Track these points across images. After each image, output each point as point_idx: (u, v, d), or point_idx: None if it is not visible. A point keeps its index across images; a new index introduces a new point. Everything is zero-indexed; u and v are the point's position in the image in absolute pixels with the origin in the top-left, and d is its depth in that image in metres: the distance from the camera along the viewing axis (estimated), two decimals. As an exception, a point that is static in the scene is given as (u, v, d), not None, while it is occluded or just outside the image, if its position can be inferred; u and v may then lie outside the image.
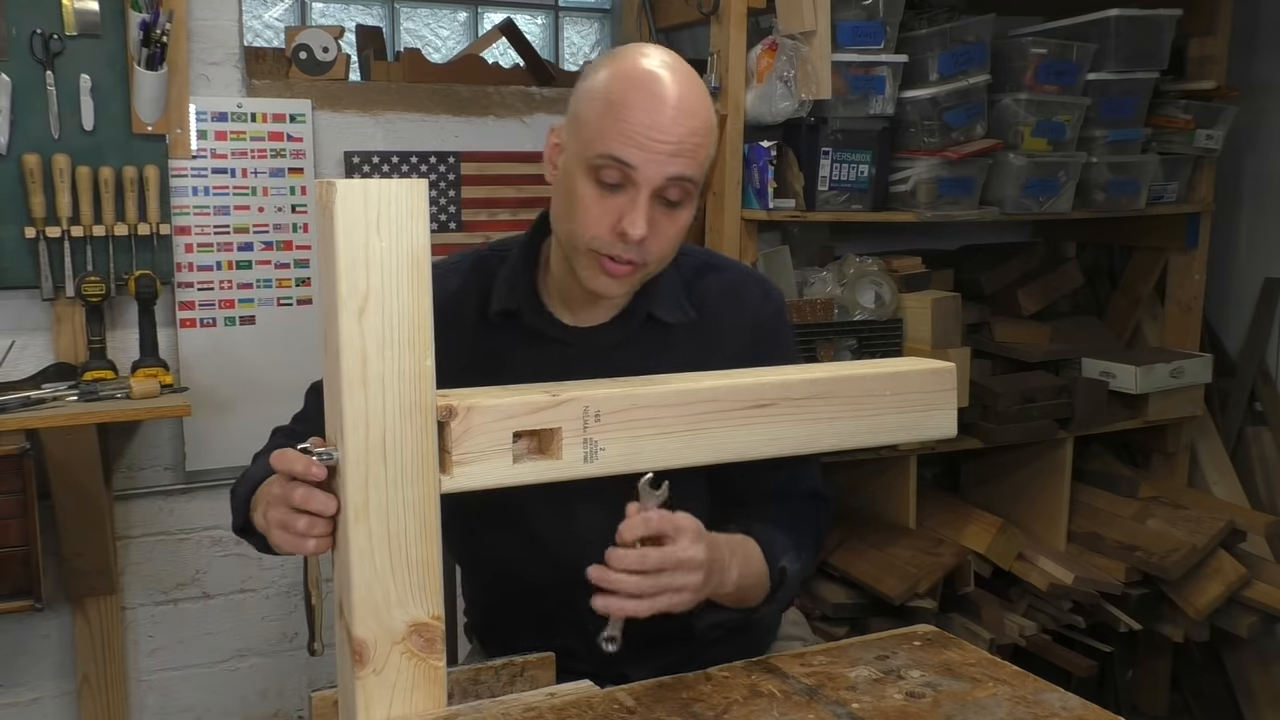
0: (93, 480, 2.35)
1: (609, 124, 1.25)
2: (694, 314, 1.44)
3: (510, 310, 1.41)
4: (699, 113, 1.28)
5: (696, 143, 1.28)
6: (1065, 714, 1.12)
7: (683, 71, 1.29)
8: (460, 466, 1.09)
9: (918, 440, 1.40)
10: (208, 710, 2.75)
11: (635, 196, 1.26)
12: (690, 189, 1.30)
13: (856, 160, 2.57)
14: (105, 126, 2.40)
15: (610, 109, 1.26)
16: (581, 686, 1.20)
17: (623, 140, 1.25)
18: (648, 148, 1.24)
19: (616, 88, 1.27)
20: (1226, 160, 3.21)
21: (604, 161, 1.26)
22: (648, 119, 1.25)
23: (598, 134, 1.26)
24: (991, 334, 3.03)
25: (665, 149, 1.25)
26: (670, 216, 1.30)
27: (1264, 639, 3.02)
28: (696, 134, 1.27)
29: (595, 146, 1.26)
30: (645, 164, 1.25)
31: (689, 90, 1.28)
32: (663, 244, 1.31)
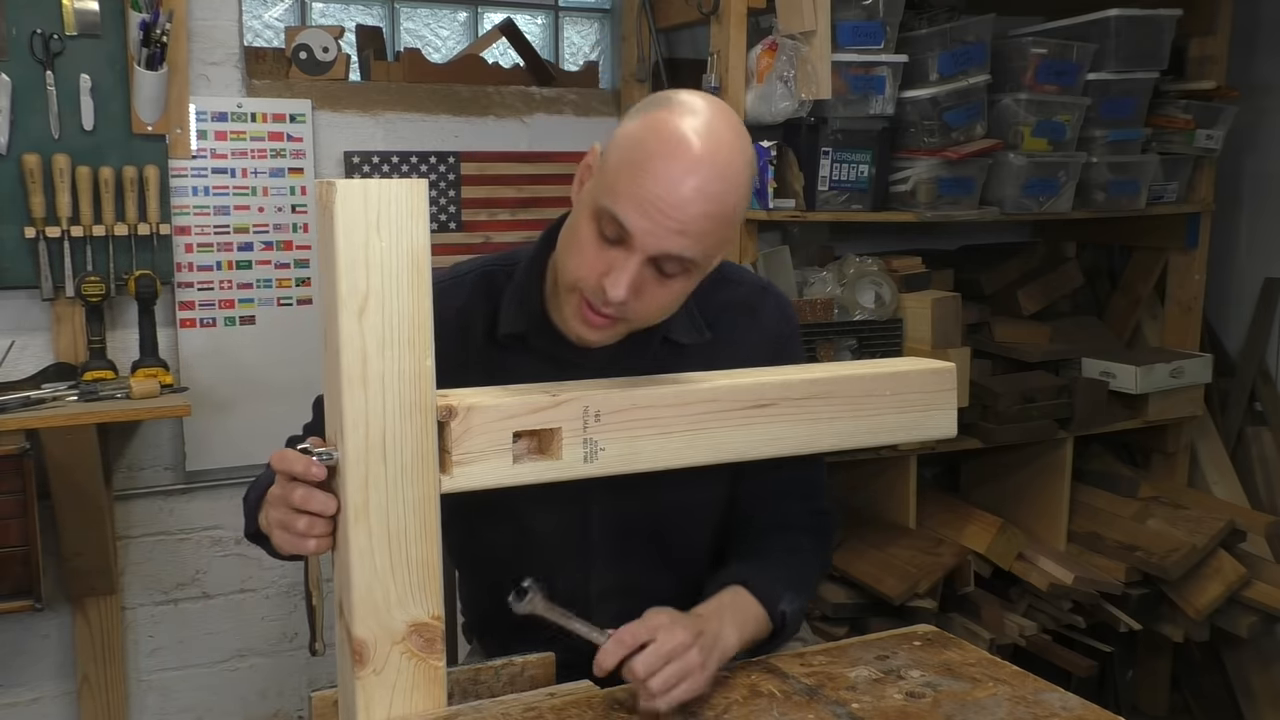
0: (93, 480, 2.35)
1: (624, 181, 1.19)
2: (709, 334, 1.40)
3: (516, 334, 1.37)
4: (720, 198, 1.19)
5: (706, 228, 1.19)
6: (1065, 714, 1.12)
7: (724, 143, 1.20)
8: (460, 466, 1.09)
9: (918, 440, 1.40)
10: (208, 710, 2.75)
11: (627, 258, 1.20)
12: (689, 268, 1.23)
13: (856, 160, 2.57)
14: (105, 126, 2.40)
15: (631, 165, 1.19)
16: (581, 686, 1.20)
17: (630, 203, 1.18)
18: (652, 218, 1.17)
19: (645, 145, 1.19)
20: (1226, 160, 3.21)
21: (608, 215, 1.20)
22: (661, 190, 1.17)
23: (611, 185, 1.20)
24: (991, 334, 3.03)
25: (670, 225, 1.18)
26: (663, 285, 1.24)
27: (1264, 639, 3.02)
28: (709, 219, 1.19)
29: (605, 197, 1.20)
30: (644, 234, 1.18)
31: (717, 170, 1.19)
32: (648, 308, 1.25)
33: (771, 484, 1.44)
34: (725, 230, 1.23)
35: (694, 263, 1.23)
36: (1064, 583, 2.75)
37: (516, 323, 1.37)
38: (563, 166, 2.88)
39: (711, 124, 1.20)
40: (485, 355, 1.38)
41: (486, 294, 1.41)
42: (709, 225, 1.20)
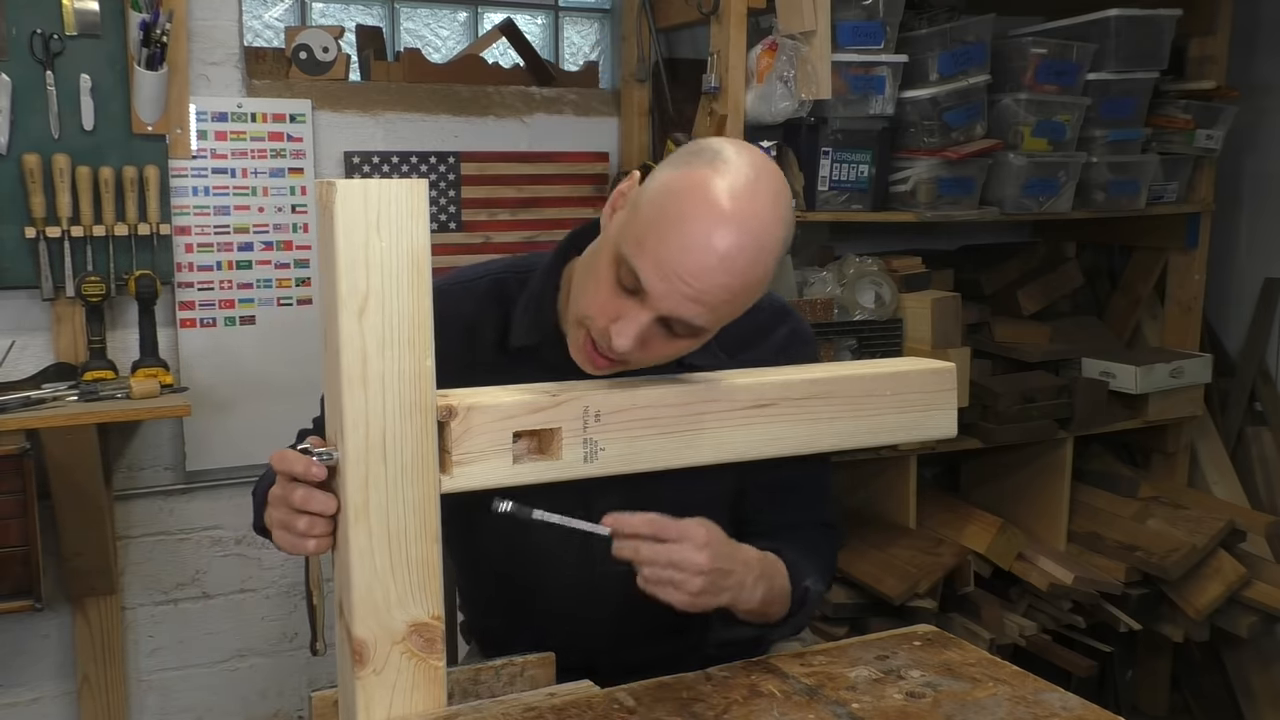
0: (93, 480, 2.35)
1: (650, 236, 1.14)
2: (724, 357, 1.37)
3: (529, 346, 1.35)
4: (744, 273, 1.14)
5: (723, 300, 1.15)
6: (1065, 714, 1.12)
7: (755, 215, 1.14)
8: (460, 466, 1.09)
9: (918, 440, 1.40)
10: (208, 710, 2.75)
11: (638, 311, 1.17)
12: (699, 332, 1.20)
13: (856, 160, 2.57)
14: (105, 126, 2.40)
15: (660, 221, 1.14)
16: (581, 686, 1.21)
17: (650, 262, 1.14)
18: (670, 283, 1.13)
19: (678, 203, 1.14)
20: (1226, 160, 3.21)
21: (627, 265, 1.16)
22: (683, 257, 1.12)
23: (637, 236, 1.15)
24: (991, 334, 3.03)
25: (686, 293, 1.14)
26: (669, 342, 1.21)
27: (1264, 639, 3.02)
28: (728, 293, 1.15)
29: (628, 246, 1.16)
30: (659, 295, 1.14)
31: (746, 244, 1.13)
32: (649, 357, 1.22)
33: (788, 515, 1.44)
34: (744, 301, 1.19)
35: (705, 330, 1.20)
36: (1064, 583, 2.76)
37: (530, 335, 1.34)
38: (563, 166, 2.88)
39: (751, 191, 1.15)
40: (494, 365, 1.34)
41: (498, 302, 1.38)
42: (726, 297, 1.16)
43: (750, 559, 1.26)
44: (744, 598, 1.25)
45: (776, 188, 1.18)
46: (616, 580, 1.40)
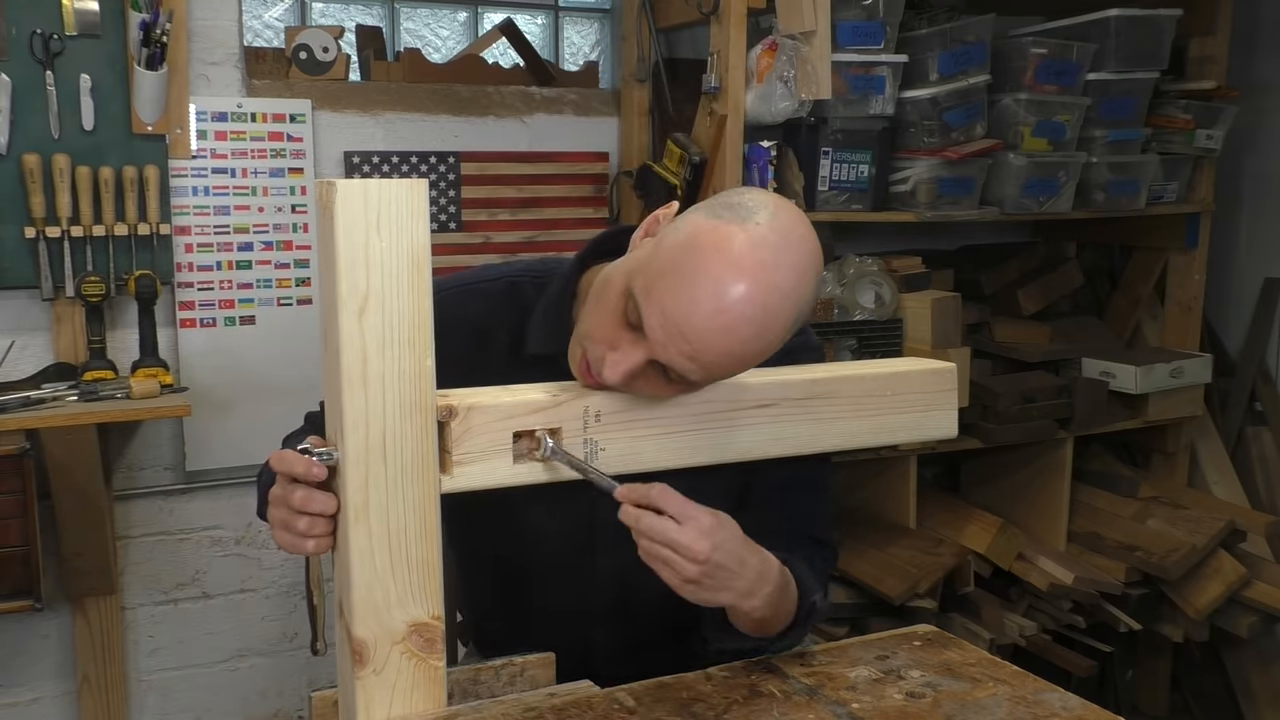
0: (93, 480, 2.35)
1: (661, 283, 1.10)
2: None
3: (545, 355, 1.31)
4: (748, 343, 1.10)
5: (720, 364, 1.12)
6: (1065, 714, 1.12)
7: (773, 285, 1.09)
8: (460, 466, 1.09)
9: (918, 440, 1.40)
10: (208, 710, 2.75)
11: (634, 348, 1.13)
12: (693, 386, 1.18)
13: (856, 160, 2.57)
14: (105, 126, 2.40)
15: (673, 271, 1.09)
16: (581, 686, 1.20)
17: (656, 309, 1.10)
18: (670, 335, 1.10)
19: (697, 254, 1.09)
20: (1226, 160, 3.21)
21: (634, 303, 1.13)
22: (688, 315, 1.08)
23: (649, 280, 1.11)
24: (991, 334, 3.03)
25: (684, 350, 1.10)
26: (663, 384, 1.17)
27: (1264, 639, 3.02)
28: (728, 359, 1.12)
29: (639, 287, 1.12)
30: (657, 344, 1.11)
31: (758, 316, 1.09)
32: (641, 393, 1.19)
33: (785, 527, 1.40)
34: (744, 367, 1.17)
35: (696, 384, 1.18)
36: (1064, 583, 2.76)
37: (548, 343, 1.31)
38: (563, 166, 2.88)
39: (775, 261, 1.09)
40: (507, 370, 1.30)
41: (513, 306, 1.36)
42: (725, 363, 1.13)
43: (766, 569, 1.19)
44: (747, 605, 1.18)
45: (804, 258, 1.12)
46: (614, 575, 1.41)
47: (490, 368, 1.29)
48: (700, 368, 1.12)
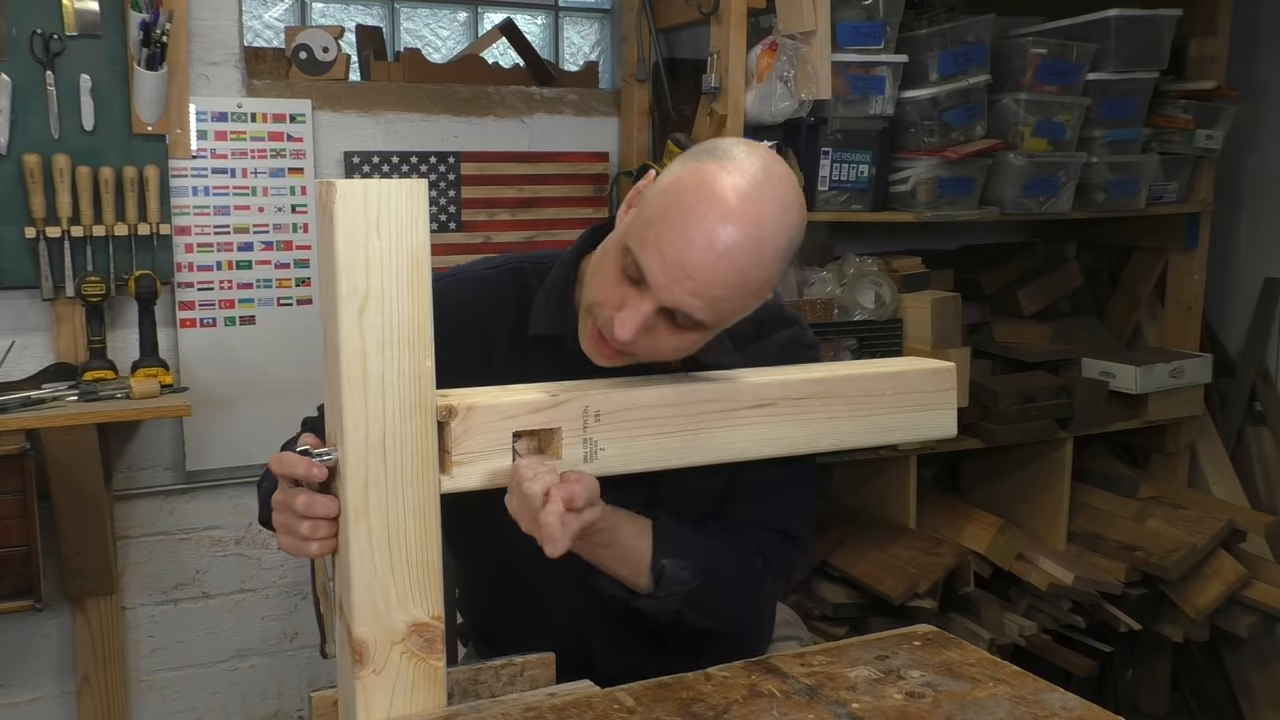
0: (93, 480, 2.35)
1: (652, 231, 1.16)
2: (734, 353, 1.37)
3: (549, 336, 1.35)
4: (745, 270, 1.16)
5: (723, 296, 1.16)
6: (1065, 714, 1.12)
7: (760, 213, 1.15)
8: (460, 466, 1.09)
9: (918, 440, 1.40)
10: (208, 710, 2.75)
11: (641, 301, 1.18)
12: (702, 327, 1.21)
13: (856, 160, 2.57)
14: (105, 126, 2.40)
15: (664, 214, 1.16)
16: (581, 686, 1.20)
17: (653, 253, 1.16)
18: (671, 274, 1.15)
19: (683, 197, 1.16)
20: (1226, 160, 3.21)
21: (632, 256, 1.18)
22: (685, 250, 1.14)
23: (640, 231, 1.18)
24: (991, 334, 3.03)
25: (687, 286, 1.15)
26: (674, 332, 1.21)
27: (1264, 639, 3.02)
28: (728, 289, 1.16)
29: (634, 239, 1.18)
30: (661, 286, 1.16)
31: (750, 241, 1.14)
32: (655, 349, 1.23)
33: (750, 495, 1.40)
34: (746, 299, 1.20)
35: (705, 324, 1.20)
36: (1064, 583, 2.76)
37: (552, 325, 1.35)
38: (563, 166, 2.88)
39: (758, 192, 1.15)
40: (510, 353, 1.36)
41: (516, 290, 1.39)
42: (727, 294, 1.16)
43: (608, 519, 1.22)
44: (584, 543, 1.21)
45: (786, 192, 1.18)
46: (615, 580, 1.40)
47: (496, 351, 1.34)
48: (706, 304, 1.16)
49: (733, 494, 1.41)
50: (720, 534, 1.40)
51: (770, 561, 1.41)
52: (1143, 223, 3.13)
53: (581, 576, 1.37)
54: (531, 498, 1.08)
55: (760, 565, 1.40)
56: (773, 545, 1.41)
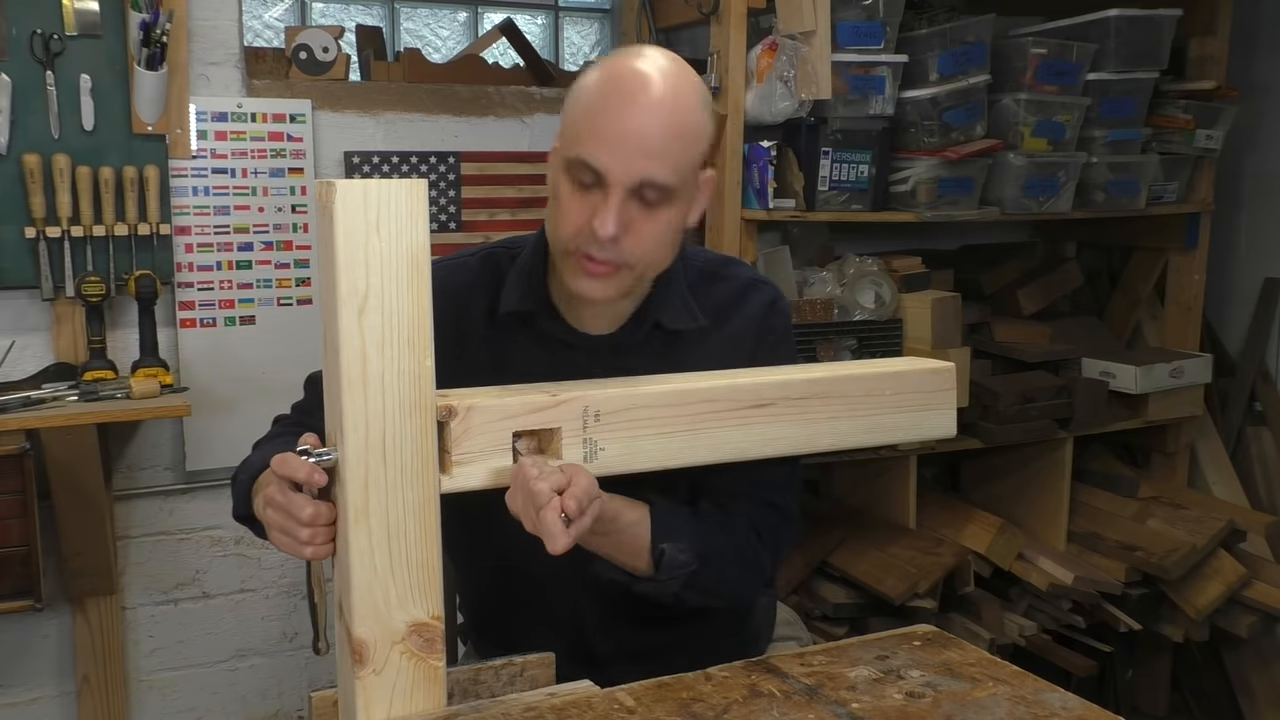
0: (93, 480, 2.35)
1: (584, 125, 1.25)
2: (704, 320, 1.41)
3: (520, 312, 1.40)
4: (679, 114, 1.25)
5: (672, 148, 1.25)
6: (1065, 714, 1.12)
7: (672, 72, 1.26)
8: (460, 466, 1.09)
9: (917, 440, 1.40)
10: (208, 710, 2.75)
11: (608, 196, 1.24)
12: (669, 194, 1.27)
13: (856, 160, 2.57)
14: (105, 126, 2.40)
15: (588, 110, 1.26)
16: (581, 686, 1.20)
17: (594, 142, 1.24)
18: (616, 149, 1.23)
19: (600, 88, 1.27)
20: (1226, 160, 3.21)
21: (578, 163, 1.25)
22: (619, 121, 1.23)
23: (575, 135, 1.26)
24: (991, 334, 3.03)
25: (636, 151, 1.23)
26: (649, 216, 1.27)
27: (1264, 639, 3.02)
28: (673, 139, 1.24)
29: (572, 148, 1.26)
30: (613, 166, 1.23)
31: (671, 91, 1.25)
32: (641, 245, 1.28)
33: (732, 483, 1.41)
34: (693, 149, 1.28)
35: (672, 188, 1.27)
36: (1064, 583, 2.75)
37: (523, 301, 1.40)
38: (563, 166, 2.87)
39: (656, 58, 1.28)
40: (485, 334, 1.41)
41: (491, 274, 1.44)
42: (675, 145, 1.25)
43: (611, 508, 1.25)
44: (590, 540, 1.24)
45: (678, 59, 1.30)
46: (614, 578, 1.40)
47: (470, 335, 1.40)
48: (659, 161, 1.24)
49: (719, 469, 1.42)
50: (714, 513, 1.41)
51: (764, 538, 1.43)
52: (1143, 223, 3.13)
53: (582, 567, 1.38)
54: (536, 495, 1.09)
55: (755, 541, 1.42)
56: (765, 520, 1.43)
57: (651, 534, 1.32)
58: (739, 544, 1.40)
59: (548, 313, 1.40)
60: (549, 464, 1.12)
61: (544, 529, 1.09)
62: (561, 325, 1.41)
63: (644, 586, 1.35)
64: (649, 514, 1.32)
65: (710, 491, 1.42)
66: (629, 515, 1.31)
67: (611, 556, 1.33)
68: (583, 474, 1.12)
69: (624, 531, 1.30)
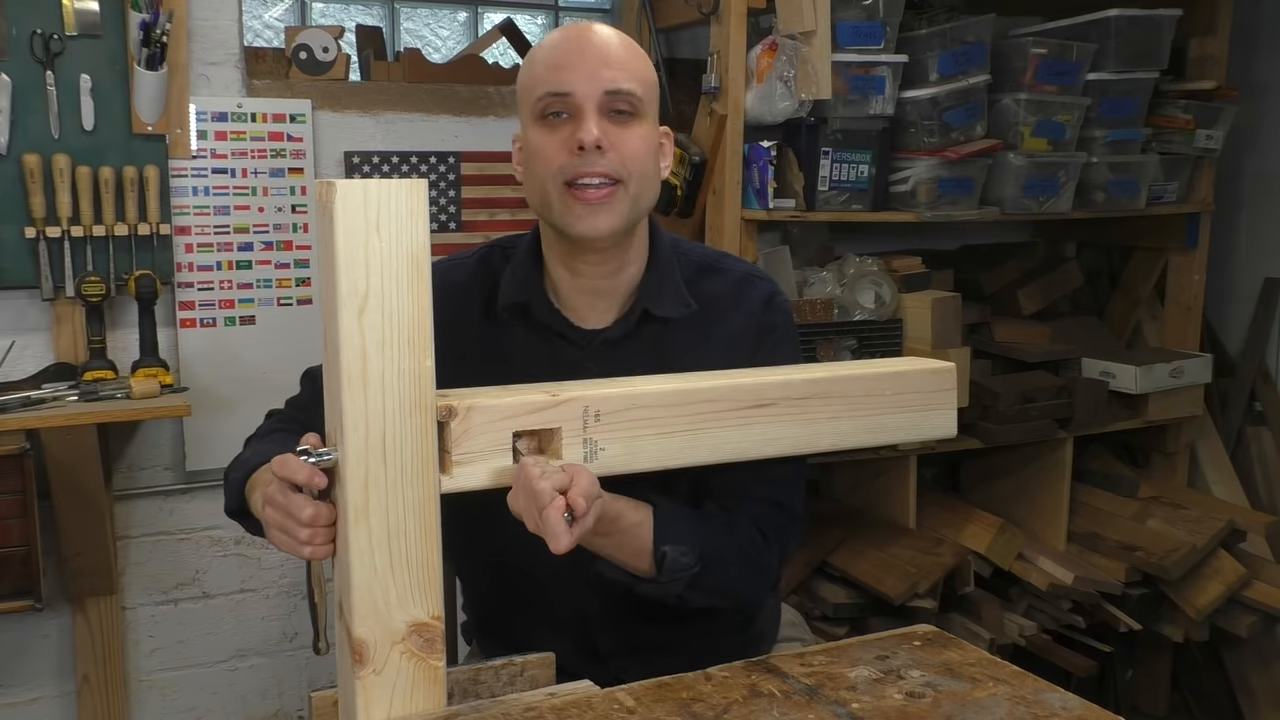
0: (93, 480, 2.35)
1: (540, 71, 1.33)
2: (695, 305, 1.42)
3: (517, 304, 1.42)
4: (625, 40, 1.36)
5: (626, 57, 1.34)
6: (1065, 714, 1.12)
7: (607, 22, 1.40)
8: (460, 466, 1.09)
9: (918, 440, 1.40)
10: (208, 710, 2.75)
11: (580, 118, 1.31)
12: (636, 103, 1.33)
13: (856, 160, 2.57)
14: (105, 126, 2.40)
15: (540, 60, 1.35)
16: (581, 686, 1.20)
17: (554, 73, 1.32)
18: (577, 69, 1.31)
19: (548, 42, 1.36)
20: (1226, 160, 3.21)
21: (545, 102, 1.32)
22: (573, 50, 1.32)
23: (534, 84, 1.34)
24: (991, 334, 3.03)
25: (596, 64, 1.31)
26: (625, 129, 1.33)
27: (1264, 639, 3.02)
28: (624, 50, 1.34)
29: (535, 94, 1.33)
30: (578, 83, 1.30)
31: (614, 30, 1.36)
32: (628, 156, 1.33)
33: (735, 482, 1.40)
34: (647, 69, 1.36)
35: (640, 99, 1.33)
36: (1064, 583, 2.75)
37: (518, 293, 1.42)
38: (563, 166, 2.88)
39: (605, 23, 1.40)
40: (483, 331, 1.44)
41: (486, 271, 1.47)
42: (627, 54, 1.34)
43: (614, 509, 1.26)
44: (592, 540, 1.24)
45: None
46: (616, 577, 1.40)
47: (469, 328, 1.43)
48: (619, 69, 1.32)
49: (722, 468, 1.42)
50: (718, 513, 1.41)
51: (769, 536, 1.42)
52: (1143, 223, 3.13)
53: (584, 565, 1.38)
54: (539, 494, 1.08)
55: (760, 541, 1.41)
56: (770, 519, 1.42)
57: (654, 536, 1.32)
58: (742, 544, 1.39)
59: (543, 304, 1.42)
60: (551, 464, 1.12)
61: (547, 528, 1.08)
62: (558, 318, 1.42)
63: (646, 588, 1.35)
64: (651, 515, 1.32)
65: (713, 490, 1.42)
66: (631, 516, 1.30)
67: (613, 557, 1.33)
68: (585, 474, 1.12)
69: (626, 533, 1.30)
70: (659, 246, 1.44)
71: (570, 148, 1.30)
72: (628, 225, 1.36)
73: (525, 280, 1.42)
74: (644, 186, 1.36)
